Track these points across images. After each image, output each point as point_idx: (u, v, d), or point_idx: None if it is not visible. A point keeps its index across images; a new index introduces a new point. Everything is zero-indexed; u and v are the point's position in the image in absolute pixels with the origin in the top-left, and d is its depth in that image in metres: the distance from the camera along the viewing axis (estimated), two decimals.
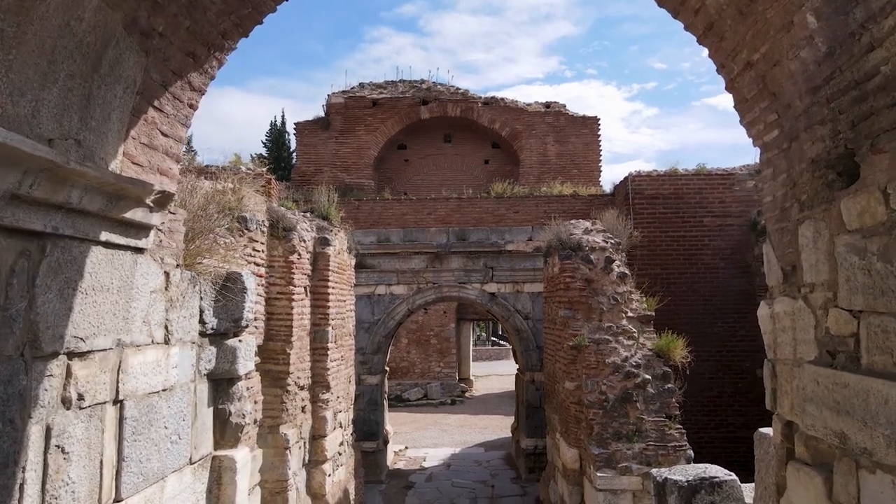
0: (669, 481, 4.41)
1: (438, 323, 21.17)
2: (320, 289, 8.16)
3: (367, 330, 12.40)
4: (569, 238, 9.04)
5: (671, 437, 7.21)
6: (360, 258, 12.44)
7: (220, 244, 4.83)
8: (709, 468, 4.58)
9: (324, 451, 7.84)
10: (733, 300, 11.84)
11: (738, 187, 12.35)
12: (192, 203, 3.57)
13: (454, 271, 12.58)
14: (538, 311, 12.32)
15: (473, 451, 14.38)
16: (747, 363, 11.61)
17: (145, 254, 2.83)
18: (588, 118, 16.31)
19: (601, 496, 6.92)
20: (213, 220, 3.65)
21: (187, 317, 3.19)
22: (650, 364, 7.93)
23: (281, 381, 7.09)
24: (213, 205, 3.81)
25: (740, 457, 11.45)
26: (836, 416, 2.32)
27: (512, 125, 16.34)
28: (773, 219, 2.99)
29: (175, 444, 3.00)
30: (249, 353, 3.75)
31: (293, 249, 7.37)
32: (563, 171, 15.70)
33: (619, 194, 13.26)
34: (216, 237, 4.80)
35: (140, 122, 2.85)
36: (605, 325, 8.31)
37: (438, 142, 17.07)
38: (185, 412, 3.12)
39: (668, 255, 12.08)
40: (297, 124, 16.33)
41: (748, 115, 3.11)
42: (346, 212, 13.02)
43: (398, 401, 20.25)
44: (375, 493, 11.05)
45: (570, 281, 8.58)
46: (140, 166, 2.86)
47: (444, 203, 13.82)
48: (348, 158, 15.84)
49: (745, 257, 11.96)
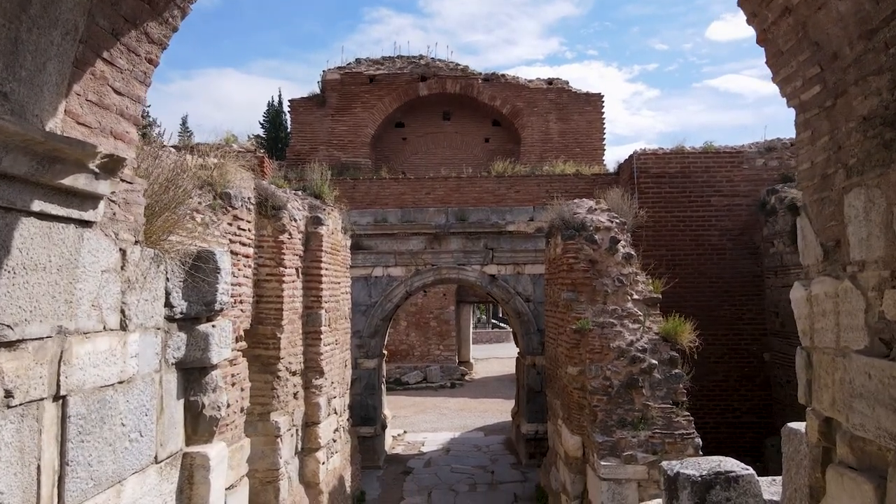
0: (682, 476, 4.09)
1: (438, 305, 20.90)
2: (313, 270, 7.82)
3: (364, 313, 12.09)
4: (572, 217, 8.67)
5: (678, 425, 6.92)
6: (357, 239, 12.09)
7: (197, 221, 4.47)
8: (723, 461, 4.27)
9: (317, 438, 7.57)
10: (740, 282, 11.51)
11: (746, 166, 11.95)
12: (157, 173, 3.20)
13: (453, 252, 12.24)
14: (539, 294, 12.02)
15: (473, 435, 14.16)
16: (754, 347, 11.33)
17: (94, 228, 2.47)
18: (591, 95, 15.81)
19: (605, 485, 6.64)
20: (185, 192, 3.29)
21: (149, 300, 2.85)
22: (656, 348, 7.62)
23: (271, 367, 6.79)
24: (187, 177, 3.44)
25: (746, 443, 11.23)
26: (893, 414, 1.98)
27: (513, 102, 15.86)
28: (812, 188, 2.63)
29: (135, 442, 2.67)
30: (225, 339, 3.42)
31: (283, 229, 7.01)
32: (565, 150, 15.26)
33: (624, 173, 12.86)
34: (193, 213, 4.44)
35: (86, 76, 2.47)
36: (609, 307, 7.98)
37: (437, 119, 16.61)
38: (147, 406, 2.79)
39: (673, 235, 11.73)
40: (291, 101, 15.85)
41: (783, 71, 2.72)
42: (342, 191, 12.62)
43: (397, 384, 20.06)
44: (373, 478, 10.83)
45: (574, 262, 8.24)
46: (87, 127, 2.50)
47: (444, 182, 13.42)
48: (344, 136, 15.40)
49: (753, 238, 11.60)
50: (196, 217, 4.48)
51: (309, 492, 7.39)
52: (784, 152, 11.97)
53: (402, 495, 10.07)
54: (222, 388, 3.38)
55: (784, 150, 12.00)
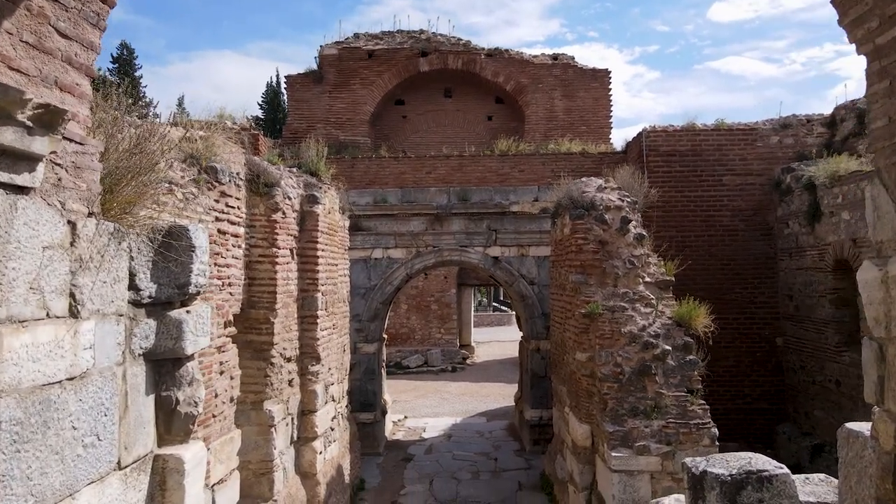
0: (710, 475, 3.73)
1: (439, 288, 20.54)
2: (308, 251, 7.43)
3: (364, 296, 11.72)
4: (581, 196, 8.24)
5: (693, 414, 6.57)
6: (356, 220, 11.67)
7: (177, 195, 4.06)
8: (753, 458, 3.91)
9: (314, 427, 7.23)
10: (753, 264, 11.13)
11: (760, 143, 11.49)
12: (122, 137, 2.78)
13: (455, 234, 11.83)
14: (544, 277, 11.63)
15: (475, 420, 13.87)
16: (766, 331, 10.97)
17: (32, 195, 2.07)
18: (598, 71, 15.26)
19: (616, 477, 6.30)
20: (152, 158, 2.87)
21: (109, 282, 2.45)
22: (670, 334, 7.24)
23: (264, 353, 6.42)
24: (157, 141, 3.01)
25: (756, 430, 10.93)
26: None
27: (517, 78, 15.31)
28: (889, 150, 2.21)
29: (91, 448, 2.30)
30: (203, 326, 3.03)
31: (276, 207, 6.60)
32: (571, 128, 14.76)
33: (632, 151, 12.40)
34: (171, 186, 4.02)
35: (19, 10, 2.04)
36: (620, 291, 7.59)
37: (438, 97, 16.07)
38: (107, 405, 2.41)
39: (684, 216, 11.31)
40: (287, 77, 15.30)
41: (854, 10, 2.29)
42: (340, 170, 12.16)
43: (398, 368, 19.78)
44: (373, 466, 10.53)
45: (583, 243, 7.83)
46: (23, 74, 2.07)
47: (445, 161, 12.96)
48: (342, 114, 14.88)
49: (766, 218, 11.18)
50: (176, 191, 4.06)
51: (306, 483, 7.07)
52: (800, 129, 11.50)
53: (402, 483, 9.77)
54: (199, 380, 3.00)
55: (800, 126, 11.53)
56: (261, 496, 6.20)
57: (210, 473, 4.59)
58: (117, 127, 2.75)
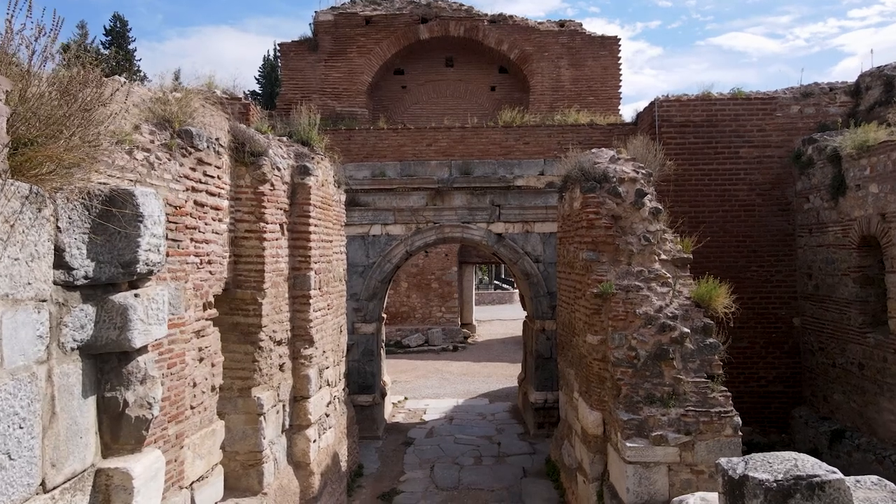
0: (752, 480, 3.26)
1: (440, 266, 20.06)
2: (300, 227, 6.91)
3: (362, 274, 11.22)
4: (593, 168, 7.68)
5: (714, 402, 6.11)
6: (353, 195, 11.13)
7: (137, 159, 3.52)
8: (800, 460, 3.43)
9: (307, 414, 6.78)
10: (770, 241, 10.59)
11: (780, 113, 10.87)
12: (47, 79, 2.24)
13: (457, 209, 11.28)
14: (550, 254, 11.13)
15: (477, 402, 13.49)
16: (783, 311, 10.48)
17: None
18: (607, 38, 14.54)
19: (631, 469, 5.87)
20: (85, 106, 2.33)
21: (22, 259, 1.93)
22: (688, 315, 6.76)
23: (252, 336, 5.94)
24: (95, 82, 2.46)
25: (771, 413, 10.50)
26: None
27: (522, 47, 14.59)
28: None
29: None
30: (157, 312, 2.52)
31: (264, 178, 6.06)
32: (578, 98, 14.10)
33: (644, 122, 11.78)
34: (132, 149, 3.48)
35: None
36: (634, 269, 7.08)
37: (439, 66, 15.36)
38: (21, 415, 1.91)
39: (698, 190, 10.74)
40: (281, 45, 14.58)
41: None
42: (337, 143, 11.57)
43: (398, 347, 19.40)
44: (371, 451, 10.15)
45: (595, 218, 7.29)
46: None
47: (447, 133, 12.35)
48: (339, 84, 14.21)
49: (785, 193, 10.62)
50: (137, 155, 3.52)
51: (298, 473, 6.65)
52: (822, 98, 10.86)
53: (402, 469, 9.39)
54: (155, 377, 2.50)
55: (822, 95, 10.89)
56: (249, 489, 5.77)
57: (186, 473, 4.14)
58: (41, 66, 2.20)
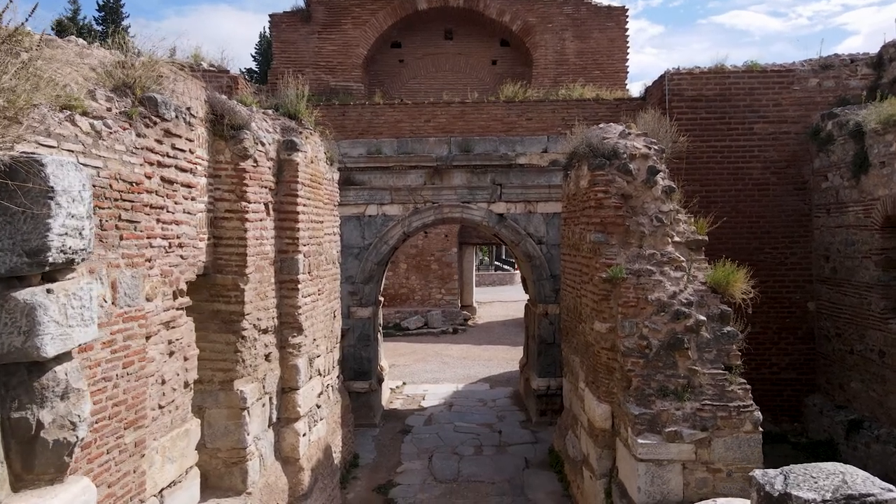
0: (796, 500, 2.82)
1: (439, 247, 19.60)
2: (287, 206, 6.42)
3: (357, 256, 10.76)
4: (601, 143, 7.16)
5: (733, 395, 5.68)
6: (348, 173, 10.61)
7: (80, 127, 3.02)
8: (848, 474, 2.99)
9: (296, 406, 6.36)
10: (785, 222, 10.10)
11: (797, 87, 10.29)
12: None
13: (457, 188, 10.78)
14: (554, 235, 10.65)
15: (477, 387, 13.11)
16: (797, 295, 10.03)
17: None
18: (614, 9, 13.87)
19: (642, 467, 5.46)
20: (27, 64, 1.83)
21: None
22: (704, 301, 6.30)
23: (234, 325, 5.49)
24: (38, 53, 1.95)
25: (783, 401, 10.08)
26: None
27: (524, 17, 13.93)
28: None
29: None
30: (82, 311, 2.05)
31: (245, 153, 5.56)
32: (583, 72, 13.49)
33: (653, 97, 11.21)
34: (73, 115, 2.98)
35: None
36: (646, 252, 6.61)
37: (438, 39, 14.71)
38: None
39: (709, 168, 10.22)
40: (272, 16, 13.91)
41: None
42: (330, 118, 11.04)
43: (397, 329, 19.02)
44: (368, 439, 9.78)
45: (604, 197, 6.80)
46: None
47: (446, 108, 11.78)
48: (333, 58, 13.59)
49: (801, 171, 10.09)
50: (79, 121, 3.02)
51: (287, 469, 6.25)
52: (842, 70, 10.27)
53: (399, 460, 9.02)
54: (80, 389, 2.04)
55: (842, 67, 10.30)
56: (232, 489, 5.38)
57: (151, 482, 3.71)
58: None
